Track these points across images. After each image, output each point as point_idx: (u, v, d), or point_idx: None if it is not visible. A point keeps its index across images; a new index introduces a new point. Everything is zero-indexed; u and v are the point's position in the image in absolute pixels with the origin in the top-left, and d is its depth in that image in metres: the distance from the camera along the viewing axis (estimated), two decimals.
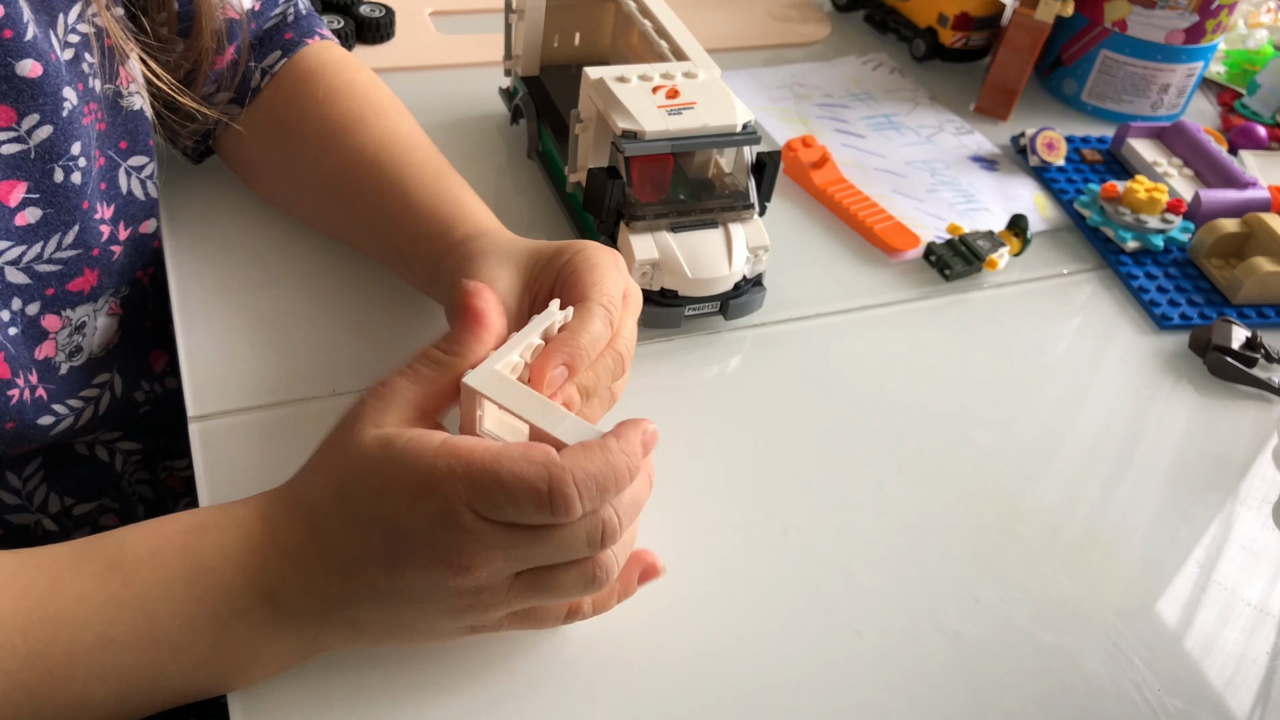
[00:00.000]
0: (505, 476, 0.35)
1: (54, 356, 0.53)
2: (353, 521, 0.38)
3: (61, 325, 0.52)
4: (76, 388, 0.54)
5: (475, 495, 0.36)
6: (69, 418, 0.54)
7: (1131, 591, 0.49)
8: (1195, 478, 0.55)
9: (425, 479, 0.36)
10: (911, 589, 0.48)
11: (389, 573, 0.37)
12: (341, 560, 0.38)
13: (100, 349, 0.56)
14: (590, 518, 0.37)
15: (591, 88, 0.56)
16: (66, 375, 0.54)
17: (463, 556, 0.36)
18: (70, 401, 0.54)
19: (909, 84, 0.85)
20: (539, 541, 0.37)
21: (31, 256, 0.49)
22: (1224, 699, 0.46)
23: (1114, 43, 0.81)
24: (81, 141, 0.49)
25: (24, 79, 0.45)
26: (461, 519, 0.36)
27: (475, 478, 0.36)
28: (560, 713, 0.41)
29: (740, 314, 0.59)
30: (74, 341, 0.53)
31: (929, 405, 0.57)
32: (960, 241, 0.66)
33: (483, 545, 0.36)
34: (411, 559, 0.37)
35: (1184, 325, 0.64)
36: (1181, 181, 0.74)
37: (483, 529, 0.36)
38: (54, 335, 0.52)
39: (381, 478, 0.37)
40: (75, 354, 0.54)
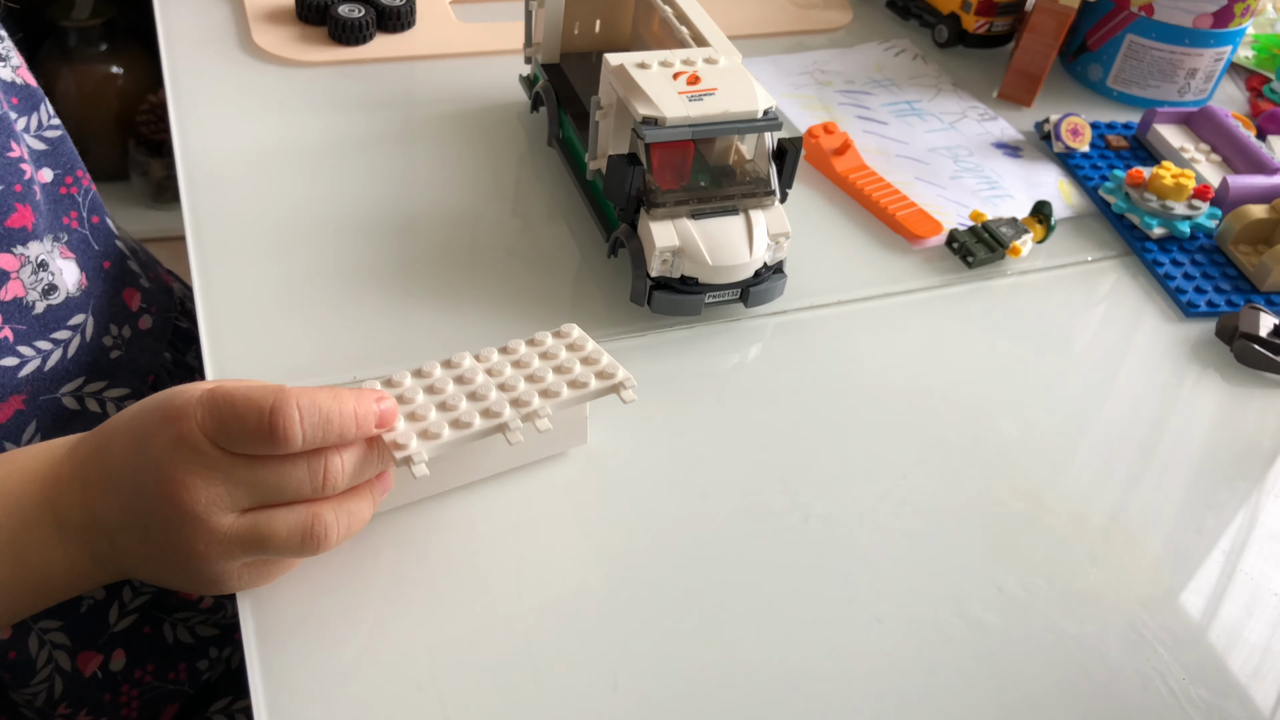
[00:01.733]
0: (237, 398, 0.39)
1: (24, 296, 0.53)
2: (124, 435, 0.41)
3: (20, 264, 0.52)
4: (49, 328, 0.55)
5: (209, 416, 0.39)
6: (35, 360, 0.54)
7: (1156, 581, 0.49)
8: (1222, 467, 0.55)
9: (177, 405, 0.40)
10: (934, 578, 0.47)
11: (136, 492, 0.40)
12: (109, 473, 0.41)
13: (76, 289, 0.56)
14: (312, 455, 0.40)
15: (612, 74, 0.56)
16: (43, 314, 0.54)
17: (189, 476, 0.39)
18: (39, 343, 0.54)
19: (932, 70, 0.84)
20: (260, 465, 0.39)
21: None
22: (1249, 690, 0.45)
23: (1140, 27, 0.80)
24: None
25: None
26: (193, 440, 0.39)
27: (212, 400, 0.39)
28: (582, 700, 0.41)
29: (761, 301, 0.58)
30: (44, 279, 0.53)
31: (951, 393, 0.56)
32: (983, 228, 0.66)
33: (206, 465, 0.39)
34: (150, 477, 0.39)
35: (1211, 313, 0.64)
36: (1209, 167, 0.74)
37: (208, 450, 0.39)
38: (16, 274, 0.52)
39: (156, 403, 0.41)
40: (51, 292, 0.54)
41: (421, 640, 0.42)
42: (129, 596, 0.59)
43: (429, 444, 0.43)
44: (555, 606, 0.44)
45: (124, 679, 0.60)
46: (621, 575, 0.46)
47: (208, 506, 0.39)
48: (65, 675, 0.57)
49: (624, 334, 0.57)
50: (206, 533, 0.39)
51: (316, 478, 0.40)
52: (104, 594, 0.58)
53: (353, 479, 0.42)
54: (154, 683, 0.61)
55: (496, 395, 0.45)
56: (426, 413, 0.44)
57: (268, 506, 0.40)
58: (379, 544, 0.46)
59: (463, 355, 0.47)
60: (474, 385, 0.45)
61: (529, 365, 0.47)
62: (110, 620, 0.59)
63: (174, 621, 0.62)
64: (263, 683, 0.41)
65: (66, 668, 0.57)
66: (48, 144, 0.57)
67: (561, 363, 0.47)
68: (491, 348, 0.47)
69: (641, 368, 0.56)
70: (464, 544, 0.46)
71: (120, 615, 0.59)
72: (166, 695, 0.62)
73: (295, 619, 0.43)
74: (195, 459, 0.39)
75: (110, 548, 0.42)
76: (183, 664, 0.62)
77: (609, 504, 0.49)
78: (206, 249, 0.59)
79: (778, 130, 0.56)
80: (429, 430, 0.43)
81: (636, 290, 0.57)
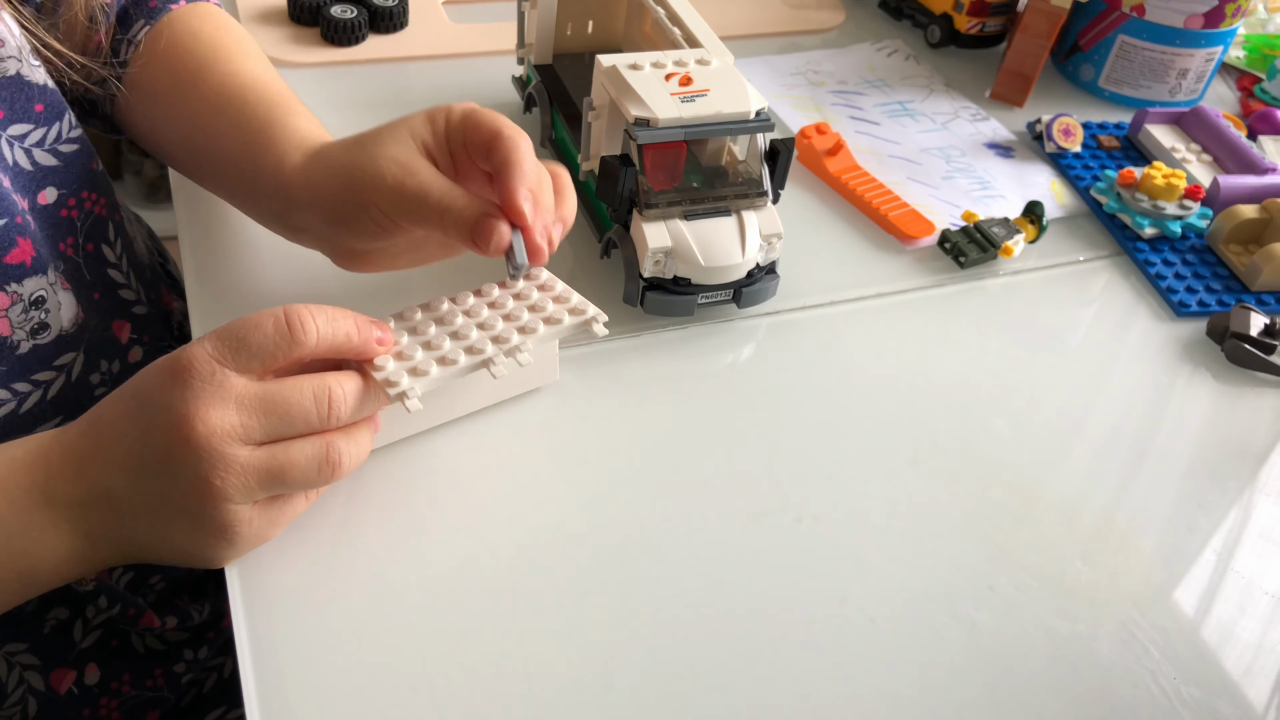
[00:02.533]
0: (248, 317, 0.41)
1: (10, 335, 0.51)
2: (120, 404, 0.42)
3: (11, 301, 0.51)
4: (31, 369, 0.53)
5: (220, 340, 0.41)
6: (10, 403, 0.52)
7: (1149, 580, 0.49)
8: (1213, 466, 0.55)
9: (180, 355, 0.41)
10: (926, 577, 0.48)
11: (143, 444, 0.41)
12: (106, 437, 0.42)
13: (71, 325, 0.54)
14: (317, 383, 0.42)
15: (604, 75, 0.56)
16: (26, 355, 0.52)
17: (202, 408, 0.40)
18: (17, 385, 0.52)
19: (924, 70, 0.84)
20: (268, 394, 0.41)
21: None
22: (1241, 688, 0.45)
23: (1132, 27, 0.80)
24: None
25: None
26: (204, 370, 0.40)
27: (222, 329, 0.41)
28: (576, 700, 0.41)
29: (753, 302, 0.59)
30: (34, 318, 0.52)
31: (944, 393, 0.57)
32: (975, 229, 0.66)
33: (219, 396, 0.40)
34: (159, 423, 0.40)
35: (1202, 312, 0.64)
36: (1200, 167, 0.74)
37: (220, 378, 0.40)
38: (4, 312, 0.51)
39: (155, 366, 0.42)
40: (40, 331, 0.53)
41: (415, 633, 0.42)
42: (92, 613, 0.58)
43: (420, 380, 0.45)
44: (551, 609, 0.44)
45: (101, 691, 0.59)
46: (613, 578, 0.46)
47: (223, 437, 0.40)
48: (39, 695, 0.56)
49: (617, 334, 0.57)
50: (224, 464, 0.40)
51: (323, 406, 0.42)
52: (68, 613, 0.57)
53: (353, 413, 0.43)
54: (132, 692, 0.60)
55: (478, 334, 0.48)
56: (413, 353, 0.46)
57: (279, 440, 0.42)
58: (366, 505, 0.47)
59: (440, 299, 0.49)
60: (454, 326, 0.48)
61: (504, 306, 0.49)
62: (76, 637, 0.58)
63: (140, 631, 0.61)
64: (255, 684, 0.41)
65: (40, 687, 0.56)
66: (59, 159, 0.55)
67: (534, 302, 0.50)
68: (466, 292, 0.50)
69: (634, 368, 0.56)
70: (456, 506, 0.46)
71: (85, 631, 0.58)
72: (146, 702, 0.61)
73: (285, 606, 0.43)
74: (207, 390, 0.40)
75: (111, 520, 0.42)
76: (158, 669, 0.62)
77: (600, 506, 0.49)
78: (199, 248, 0.59)
79: (770, 131, 0.56)
80: (418, 368, 0.45)
81: (629, 291, 0.57)
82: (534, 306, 0.50)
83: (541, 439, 0.51)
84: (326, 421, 0.42)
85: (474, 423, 0.51)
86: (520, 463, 0.50)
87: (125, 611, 0.59)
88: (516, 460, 0.50)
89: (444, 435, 0.50)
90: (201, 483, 0.40)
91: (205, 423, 0.40)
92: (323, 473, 0.42)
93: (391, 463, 0.49)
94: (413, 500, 0.48)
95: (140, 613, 0.60)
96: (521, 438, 0.51)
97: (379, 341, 0.45)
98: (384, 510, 0.47)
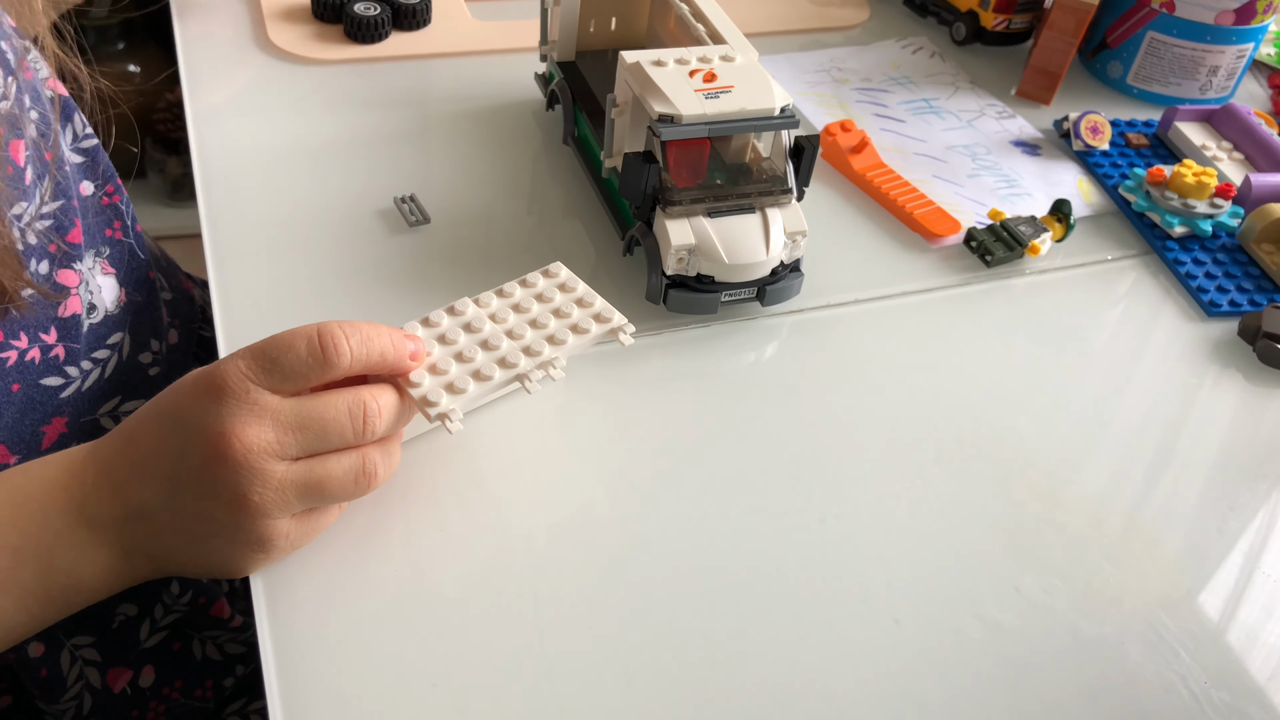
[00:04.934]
0: (281, 336, 0.41)
1: (80, 313, 0.53)
2: (153, 422, 0.42)
3: (80, 279, 0.52)
4: (92, 347, 0.55)
5: (254, 360, 0.40)
6: (76, 380, 0.54)
7: (1176, 582, 0.48)
8: (1243, 467, 0.54)
9: (213, 370, 0.41)
10: (951, 578, 0.47)
11: (178, 462, 0.40)
12: (140, 455, 0.42)
13: (114, 305, 0.56)
14: (352, 398, 0.42)
15: (628, 72, 0.56)
16: (89, 333, 0.54)
17: (238, 425, 0.40)
18: (83, 363, 0.54)
19: (949, 68, 0.83)
20: (303, 411, 0.41)
21: (33, 214, 0.49)
22: (1270, 693, 0.45)
23: (1161, 24, 0.79)
24: (30, 93, 0.49)
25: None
26: (238, 389, 0.40)
27: (255, 347, 0.41)
28: (596, 698, 0.41)
29: (777, 300, 0.58)
30: (88, 297, 0.54)
31: (969, 392, 0.56)
32: (1002, 227, 0.65)
33: (254, 413, 0.40)
34: (194, 442, 0.40)
35: (1233, 312, 0.63)
36: (1231, 165, 0.73)
37: (255, 396, 0.40)
38: (76, 290, 0.52)
39: (188, 381, 0.42)
40: (92, 311, 0.54)
41: (436, 629, 0.42)
42: (160, 613, 0.59)
43: (459, 399, 0.45)
44: (572, 607, 0.44)
45: (153, 695, 0.60)
46: (634, 577, 0.46)
47: (260, 454, 0.40)
48: (95, 692, 0.57)
49: (640, 332, 0.57)
50: (261, 480, 0.40)
51: (358, 422, 0.42)
52: (136, 610, 0.58)
53: (388, 427, 0.43)
54: (180, 700, 0.61)
55: (508, 344, 0.47)
56: (447, 366, 0.46)
57: (315, 455, 0.42)
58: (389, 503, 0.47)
59: (465, 302, 0.49)
60: (483, 334, 0.48)
61: (528, 310, 0.49)
62: (141, 636, 0.59)
63: (203, 638, 0.62)
64: (277, 677, 0.41)
65: (97, 684, 0.57)
66: (85, 155, 0.56)
67: (558, 306, 0.50)
68: (489, 292, 0.50)
69: (657, 366, 0.55)
70: (477, 518, 0.46)
71: (151, 631, 0.59)
72: (192, 713, 0.62)
73: (307, 604, 0.43)
74: (242, 408, 0.40)
75: (148, 537, 0.42)
76: (209, 680, 0.62)
77: (622, 505, 0.49)
78: (222, 246, 0.59)
79: (795, 128, 0.55)
80: (454, 385, 0.45)
81: (652, 288, 0.57)
82: (558, 312, 0.49)
83: (563, 437, 0.51)
84: (362, 436, 0.42)
85: (495, 420, 0.51)
86: (542, 461, 0.50)
87: (196, 600, 0.60)
88: (538, 458, 0.50)
89: (465, 433, 0.50)
90: (239, 499, 0.40)
91: (242, 440, 0.40)
92: (359, 485, 0.43)
93: (413, 460, 0.49)
94: (435, 498, 0.48)
95: (212, 600, 0.61)
96: (544, 436, 0.51)
97: (413, 356, 0.45)
98: (406, 508, 0.47)
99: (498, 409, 0.52)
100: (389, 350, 0.43)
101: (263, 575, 0.44)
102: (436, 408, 0.44)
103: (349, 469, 0.42)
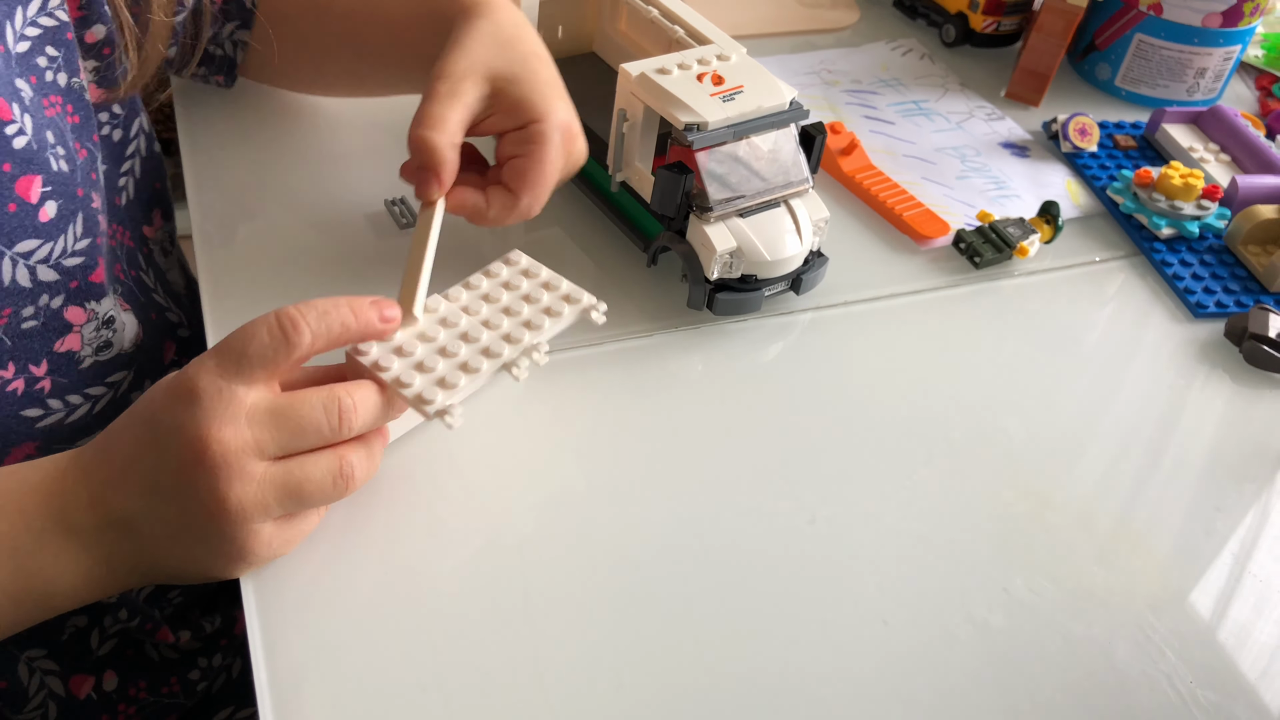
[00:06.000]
0: (242, 328, 0.41)
1: (79, 350, 0.53)
2: (130, 430, 0.42)
3: (87, 318, 0.52)
4: (88, 383, 0.54)
5: (221, 355, 0.40)
6: (59, 413, 0.53)
7: (1165, 583, 0.48)
8: (1230, 468, 0.54)
9: (183, 374, 0.41)
10: (940, 579, 0.47)
11: (157, 465, 0.40)
12: (120, 460, 0.42)
13: (131, 344, 0.56)
14: (327, 395, 0.42)
15: (635, 85, 0.55)
16: (87, 369, 0.54)
17: (214, 428, 0.39)
18: (70, 397, 0.54)
19: (939, 70, 0.84)
20: (278, 407, 0.41)
21: (59, 252, 0.49)
22: (1258, 692, 0.45)
23: (1149, 26, 0.79)
24: (53, 130, 0.49)
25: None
26: (211, 388, 0.40)
27: (220, 344, 0.41)
28: (587, 699, 0.41)
29: (811, 287, 0.59)
30: (102, 336, 0.53)
31: (959, 394, 0.56)
32: (990, 229, 0.65)
33: (229, 413, 0.40)
34: (172, 445, 0.40)
35: (1220, 313, 0.63)
36: (1218, 167, 0.73)
37: (227, 395, 0.40)
38: (79, 328, 0.52)
39: (160, 388, 0.42)
40: (104, 349, 0.54)
41: (426, 631, 0.42)
42: (110, 623, 0.59)
43: (453, 393, 0.45)
44: (562, 607, 0.44)
45: (119, 698, 0.60)
46: (625, 578, 0.46)
47: (238, 453, 0.40)
48: (59, 700, 0.57)
49: (631, 335, 0.57)
50: (240, 481, 0.40)
51: (333, 417, 0.42)
52: (85, 620, 0.58)
53: (366, 424, 0.43)
54: (149, 698, 0.61)
55: (488, 335, 0.47)
56: (434, 363, 0.45)
57: (293, 456, 0.41)
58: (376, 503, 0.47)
59: (436, 299, 0.49)
60: (460, 327, 0.48)
61: (498, 299, 0.49)
62: (93, 645, 0.59)
63: (155, 643, 0.62)
64: (269, 684, 0.41)
65: (60, 692, 0.57)
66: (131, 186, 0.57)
67: (527, 292, 0.50)
68: (456, 286, 0.50)
69: (644, 368, 0.55)
70: (463, 516, 0.46)
71: (102, 640, 0.59)
72: (164, 709, 0.62)
73: (297, 606, 0.43)
74: (217, 409, 0.40)
75: (130, 543, 0.42)
76: (174, 677, 0.62)
77: (612, 506, 0.49)
78: (213, 249, 0.59)
79: (807, 117, 0.56)
80: (445, 380, 0.45)
81: (694, 296, 0.57)
82: (528, 297, 0.50)
83: (552, 441, 0.51)
84: (339, 432, 0.42)
85: (483, 421, 0.51)
86: (530, 464, 0.50)
87: (143, 625, 0.60)
88: (526, 462, 0.50)
89: (452, 434, 0.50)
90: (219, 502, 0.40)
91: (220, 441, 0.39)
92: (337, 486, 0.42)
93: (402, 462, 0.49)
94: (424, 498, 0.48)
95: (156, 627, 0.60)
96: (531, 441, 0.51)
97: (383, 320, 0.44)
98: (394, 508, 0.47)
99: (484, 410, 0.52)
100: (350, 320, 0.43)
101: (252, 579, 0.44)
102: (434, 404, 0.44)
103: (327, 470, 0.42)
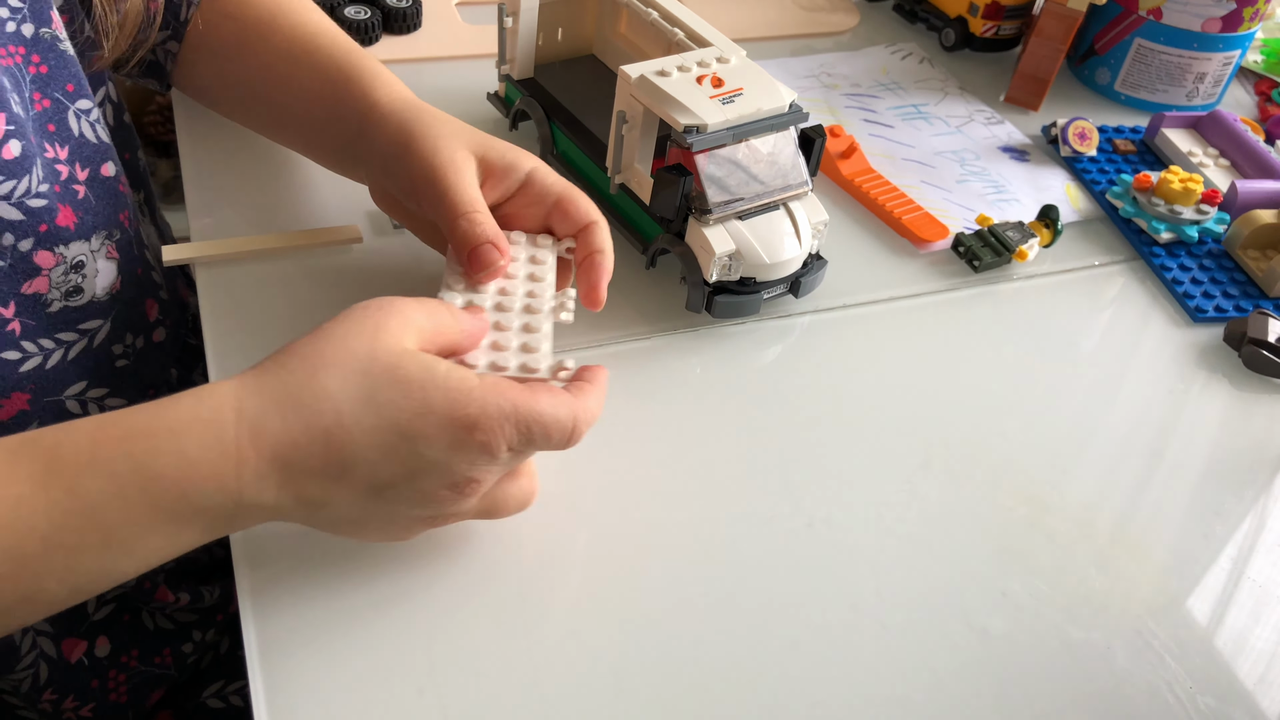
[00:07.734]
0: (547, 419, 0.41)
1: (46, 293, 0.52)
2: (382, 433, 0.39)
3: (56, 262, 0.52)
4: (56, 328, 0.54)
5: (519, 434, 0.40)
6: (36, 356, 0.53)
7: (1163, 588, 0.48)
8: (1229, 473, 0.54)
9: (476, 415, 0.39)
10: (939, 583, 0.47)
11: (405, 481, 0.39)
12: (349, 462, 0.39)
13: (104, 293, 0.55)
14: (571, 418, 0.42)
15: (635, 87, 0.55)
16: (55, 314, 0.53)
17: (476, 477, 0.40)
18: (42, 340, 0.53)
19: (938, 74, 0.84)
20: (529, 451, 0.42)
21: (21, 191, 0.49)
22: (1256, 697, 0.45)
23: (1149, 31, 0.79)
24: (9, 77, 0.49)
25: None
26: (498, 453, 0.40)
27: (522, 419, 0.40)
28: (584, 703, 0.41)
29: (809, 290, 0.59)
30: (71, 281, 0.53)
31: (958, 398, 0.56)
32: (990, 232, 0.65)
33: (498, 468, 0.41)
34: (430, 476, 0.39)
35: (1219, 318, 0.63)
36: (1217, 172, 0.73)
37: (507, 460, 0.41)
38: (47, 272, 0.52)
39: (424, 398, 0.39)
40: (74, 294, 0.53)
41: (421, 633, 0.42)
42: None
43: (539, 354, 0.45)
44: (559, 611, 0.44)
45: (110, 664, 0.60)
46: (624, 580, 0.46)
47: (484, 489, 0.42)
48: (51, 661, 0.57)
49: (626, 338, 0.57)
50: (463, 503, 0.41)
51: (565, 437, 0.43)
52: None
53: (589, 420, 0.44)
54: (140, 667, 0.61)
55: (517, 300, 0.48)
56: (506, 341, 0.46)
57: None
58: None
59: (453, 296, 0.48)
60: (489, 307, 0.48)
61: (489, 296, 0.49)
62: (89, 609, 0.59)
63: (151, 610, 0.62)
64: (261, 668, 0.41)
65: (51, 653, 0.57)
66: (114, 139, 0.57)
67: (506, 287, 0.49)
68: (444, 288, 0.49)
69: (642, 372, 0.55)
70: (464, 527, 0.46)
71: (98, 605, 0.60)
72: (154, 679, 0.62)
73: (291, 598, 0.43)
74: (489, 465, 0.40)
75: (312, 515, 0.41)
76: (166, 648, 0.63)
77: (612, 508, 0.49)
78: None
79: (806, 120, 0.56)
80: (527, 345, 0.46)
81: (693, 298, 0.57)
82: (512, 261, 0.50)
83: None
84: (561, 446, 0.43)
85: None
86: None
87: (141, 584, 0.60)
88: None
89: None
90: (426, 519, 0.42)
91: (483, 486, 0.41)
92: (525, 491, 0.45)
93: None
94: None
95: (155, 586, 0.61)
96: None
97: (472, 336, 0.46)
98: None
99: None
100: None
101: (248, 579, 0.44)
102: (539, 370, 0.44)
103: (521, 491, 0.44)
